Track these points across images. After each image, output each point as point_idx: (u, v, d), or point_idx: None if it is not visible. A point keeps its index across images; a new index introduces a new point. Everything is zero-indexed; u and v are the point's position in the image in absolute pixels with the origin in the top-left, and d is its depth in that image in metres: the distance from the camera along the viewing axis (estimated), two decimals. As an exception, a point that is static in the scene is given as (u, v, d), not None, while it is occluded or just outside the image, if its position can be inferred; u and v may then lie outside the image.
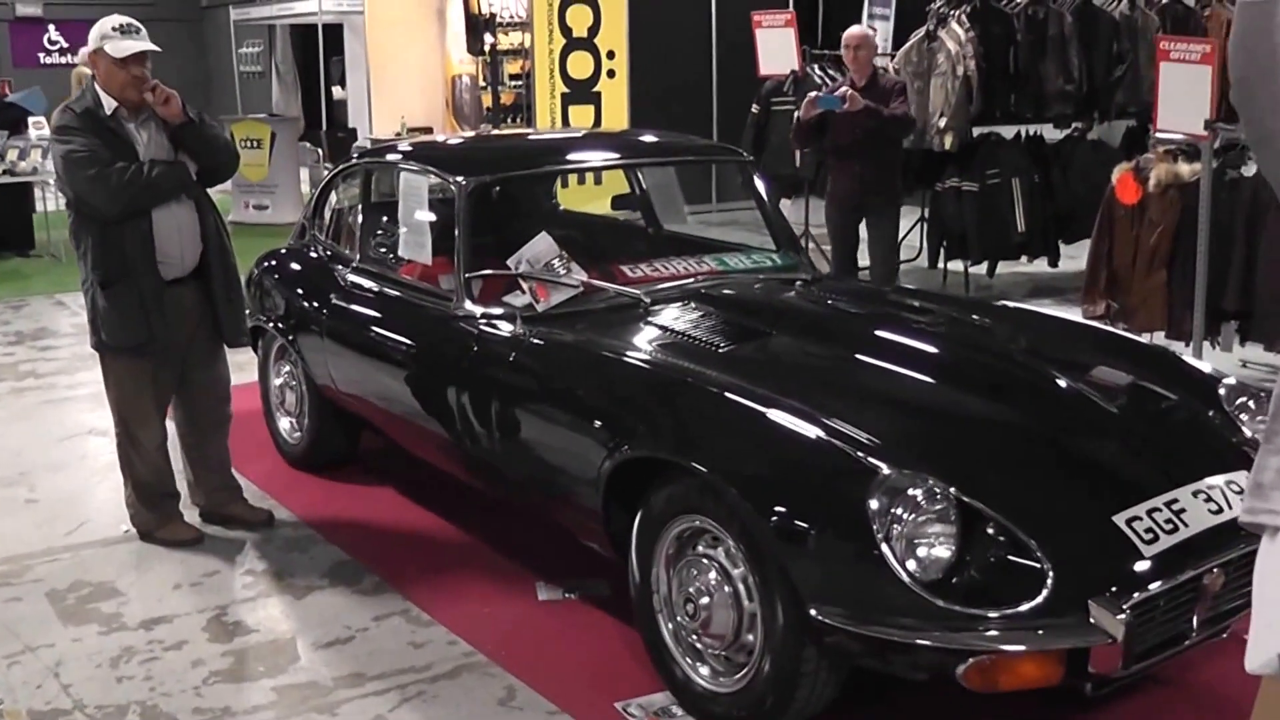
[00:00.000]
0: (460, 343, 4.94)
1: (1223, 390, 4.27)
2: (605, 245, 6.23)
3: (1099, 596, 3.29)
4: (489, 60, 14.04)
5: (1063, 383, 4.27)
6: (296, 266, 6.36)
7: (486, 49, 13.70)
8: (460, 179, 5.22)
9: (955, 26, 9.93)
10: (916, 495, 3.37)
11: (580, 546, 4.59)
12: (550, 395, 4.59)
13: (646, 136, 6.58)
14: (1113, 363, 4.58)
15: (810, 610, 3.42)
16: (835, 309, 5.24)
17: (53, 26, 22.90)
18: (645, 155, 6.41)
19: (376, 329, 5.54)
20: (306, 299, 6.01)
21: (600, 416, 4.24)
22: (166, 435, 5.45)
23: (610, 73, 13.09)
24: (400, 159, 5.85)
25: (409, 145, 6.57)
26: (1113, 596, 3.29)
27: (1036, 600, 3.29)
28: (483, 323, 4.90)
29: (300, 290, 6.13)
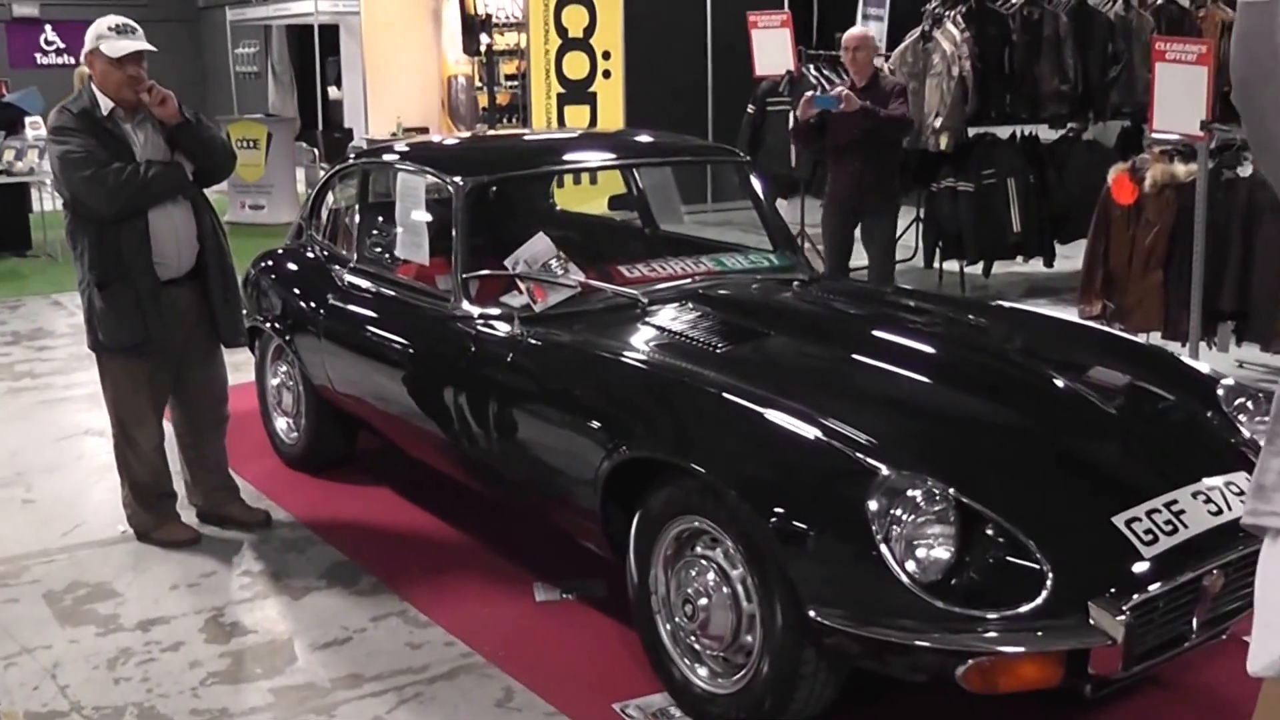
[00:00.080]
0: (458, 343, 4.93)
1: (1221, 391, 4.27)
2: (603, 246, 6.22)
3: (1099, 598, 3.29)
4: (485, 60, 14.06)
5: (1061, 383, 4.27)
6: (294, 267, 6.35)
7: (482, 49, 13.73)
8: (458, 179, 5.21)
9: (950, 27, 9.93)
10: (916, 496, 3.36)
11: (577, 547, 4.59)
12: (548, 396, 4.58)
13: (643, 137, 6.56)
14: (1111, 363, 4.58)
15: (809, 611, 3.42)
16: (833, 309, 5.23)
17: (49, 27, 22.83)
18: (643, 155, 6.40)
19: (374, 329, 5.53)
20: (304, 299, 6.00)
21: (598, 417, 4.23)
22: (164, 436, 5.44)
23: (606, 73, 13.08)
24: (398, 159, 5.85)
25: (406, 145, 6.57)
26: (1112, 598, 3.29)
27: (1036, 601, 3.29)
28: (480, 323, 4.90)
29: (297, 290, 6.12)
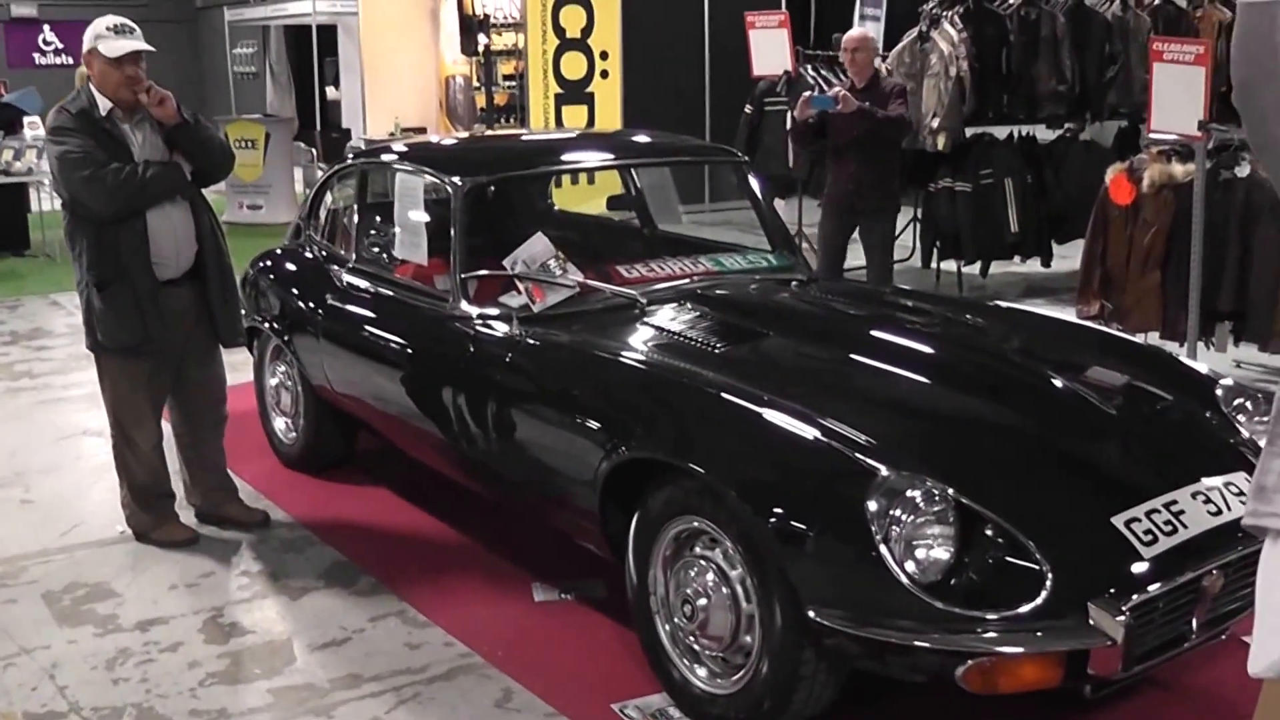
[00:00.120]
0: (456, 343, 4.93)
1: (1220, 391, 4.27)
2: (601, 246, 6.22)
3: (1098, 598, 3.28)
4: (483, 61, 14.05)
5: (1061, 384, 4.27)
6: (292, 267, 6.35)
7: (480, 50, 13.72)
8: (456, 179, 5.20)
9: (948, 27, 9.93)
10: (915, 497, 3.36)
11: (576, 547, 4.59)
12: (547, 396, 4.57)
13: (642, 137, 6.56)
14: (1110, 363, 4.58)
15: (809, 612, 3.41)
16: (832, 309, 5.24)
17: (48, 27, 22.81)
18: (641, 156, 6.40)
19: (372, 329, 5.53)
20: (302, 299, 6.00)
21: (597, 417, 4.22)
22: (162, 436, 5.43)
23: (604, 73, 13.10)
24: (396, 159, 5.84)
25: (405, 146, 6.57)
26: (1112, 598, 3.29)
27: (1036, 602, 3.29)
28: (479, 323, 4.89)
29: (296, 290, 6.12)
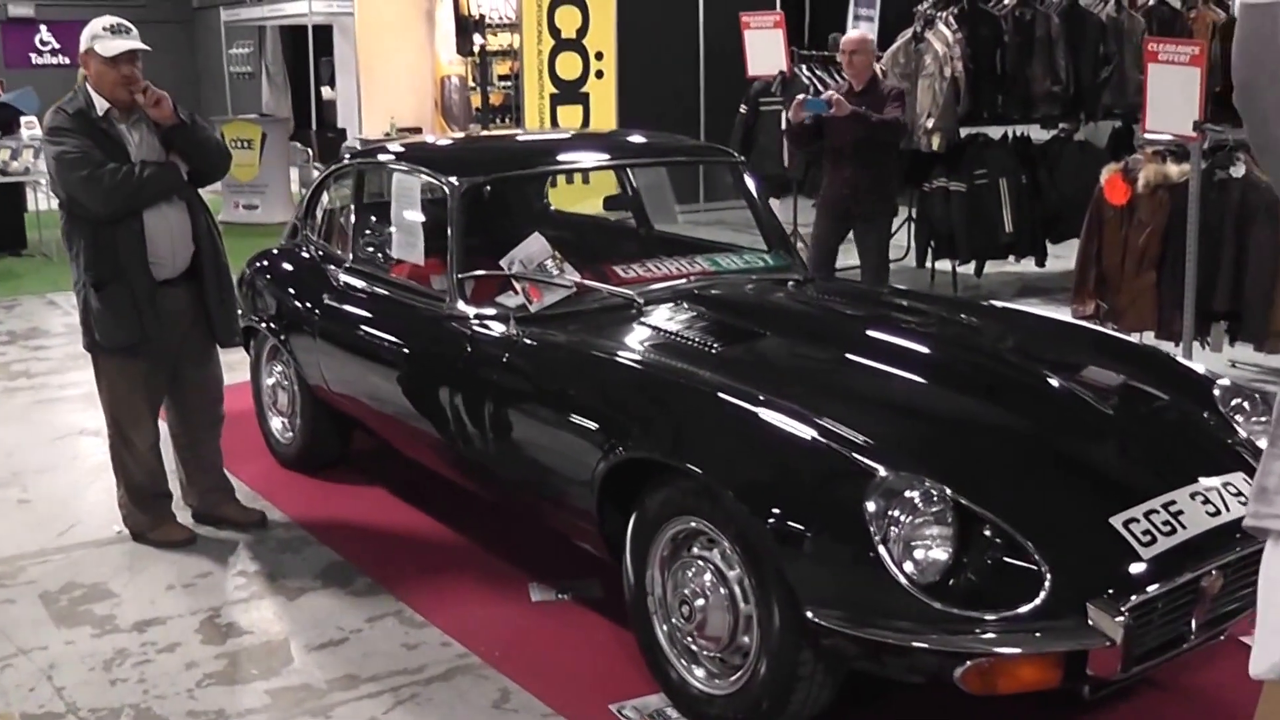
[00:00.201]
0: (453, 343, 4.92)
1: (1217, 391, 4.27)
2: (597, 246, 6.21)
3: (1097, 599, 3.28)
4: (478, 61, 14.05)
5: (1058, 384, 4.27)
6: (289, 267, 6.34)
7: (476, 50, 13.71)
8: (453, 180, 5.20)
9: (943, 28, 9.94)
10: (913, 497, 3.36)
11: (573, 547, 4.58)
12: (544, 396, 4.57)
13: (638, 137, 6.54)
14: (1107, 363, 4.58)
15: (807, 612, 3.41)
16: (829, 310, 5.24)
17: (44, 27, 22.80)
18: (638, 156, 6.39)
19: (369, 329, 5.53)
20: (299, 299, 6.00)
21: (594, 418, 4.22)
22: (159, 436, 5.43)
23: (599, 73, 13.11)
24: (393, 160, 5.84)
25: (401, 146, 6.57)
26: (1111, 599, 3.29)
27: (1034, 603, 3.28)
28: (476, 323, 4.89)
29: (293, 290, 6.12)
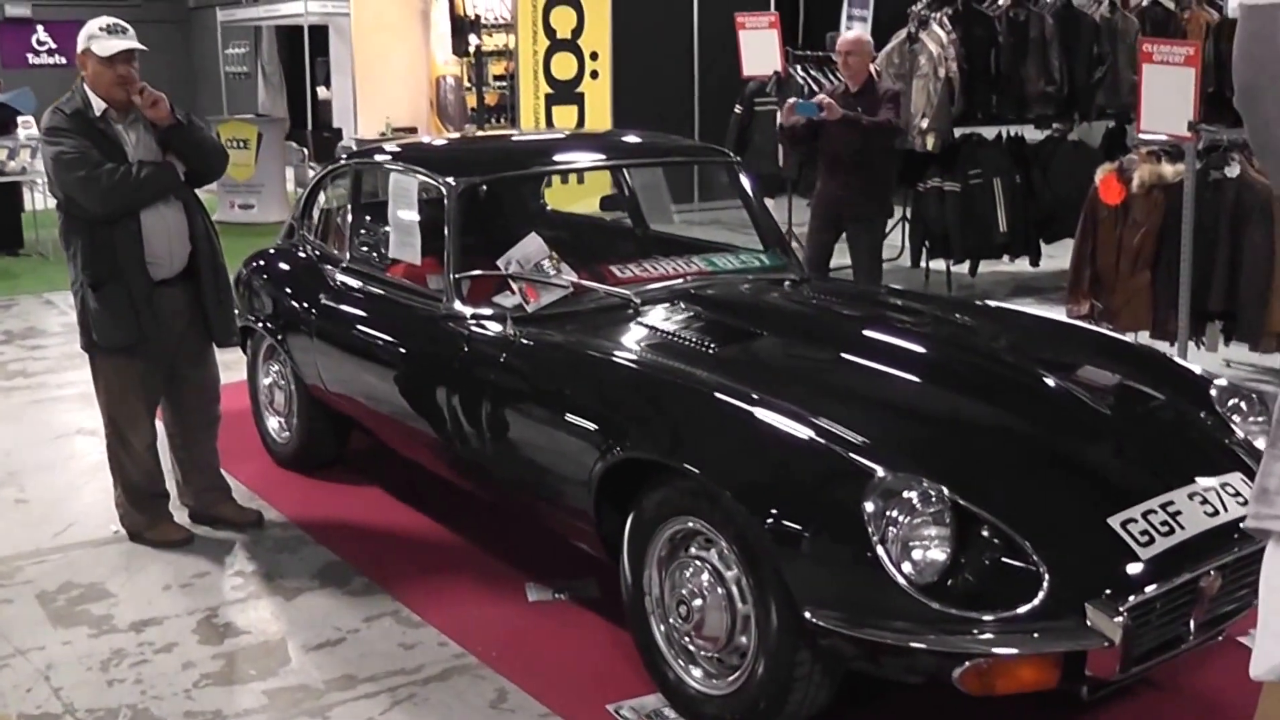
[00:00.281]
0: (450, 343, 4.92)
1: (1214, 391, 4.28)
2: (594, 246, 6.22)
3: (1095, 599, 3.29)
4: (474, 61, 14.04)
5: (1055, 384, 4.27)
6: (285, 266, 6.34)
7: (471, 50, 13.70)
8: (450, 180, 5.20)
9: (937, 28, 9.96)
10: (911, 498, 3.36)
11: (569, 547, 4.59)
12: (541, 396, 4.57)
13: (635, 137, 6.55)
14: (1104, 364, 4.59)
15: (804, 613, 3.41)
16: (826, 310, 5.24)
17: (41, 27, 22.75)
18: (634, 156, 6.39)
19: (366, 329, 5.53)
20: (296, 299, 5.99)
21: (592, 418, 4.21)
22: (156, 436, 5.43)
23: (594, 73, 13.10)
24: (389, 160, 5.84)
25: (398, 146, 6.56)
26: (1109, 599, 3.29)
27: (1033, 603, 3.29)
28: (472, 323, 4.89)
29: (289, 290, 6.12)
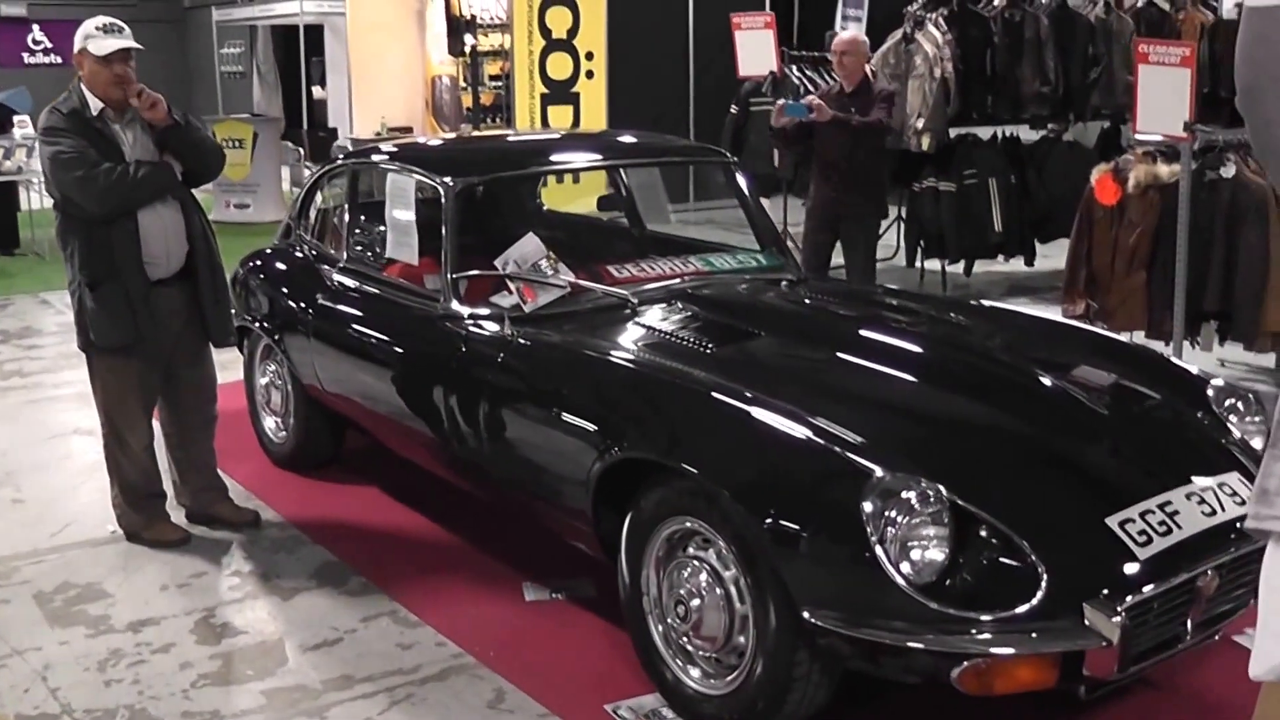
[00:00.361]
0: (448, 343, 4.92)
1: (1211, 391, 4.28)
2: (591, 246, 6.22)
3: (1093, 599, 3.29)
4: (469, 61, 14.06)
5: (1052, 384, 4.28)
6: (282, 266, 6.34)
7: (467, 50, 13.72)
8: (448, 180, 5.21)
9: (932, 29, 9.97)
10: (910, 498, 3.36)
11: (566, 546, 4.59)
12: (539, 396, 4.56)
13: (631, 137, 6.56)
14: (1101, 364, 4.60)
15: (803, 613, 3.41)
16: (823, 309, 5.24)
17: (36, 26, 22.69)
18: (631, 156, 6.40)
19: (363, 329, 5.53)
20: (293, 299, 5.99)
21: (590, 418, 4.22)
22: (153, 436, 5.43)
23: (589, 73, 13.13)
24: (386, 160, 5.83)
25: (395, 146, 6.56)
26: (1107, 599, 3.30)
27: (1031, 603, 3.29)
28: (470, 323, 4.89)
29: (286, 290, 6.11)
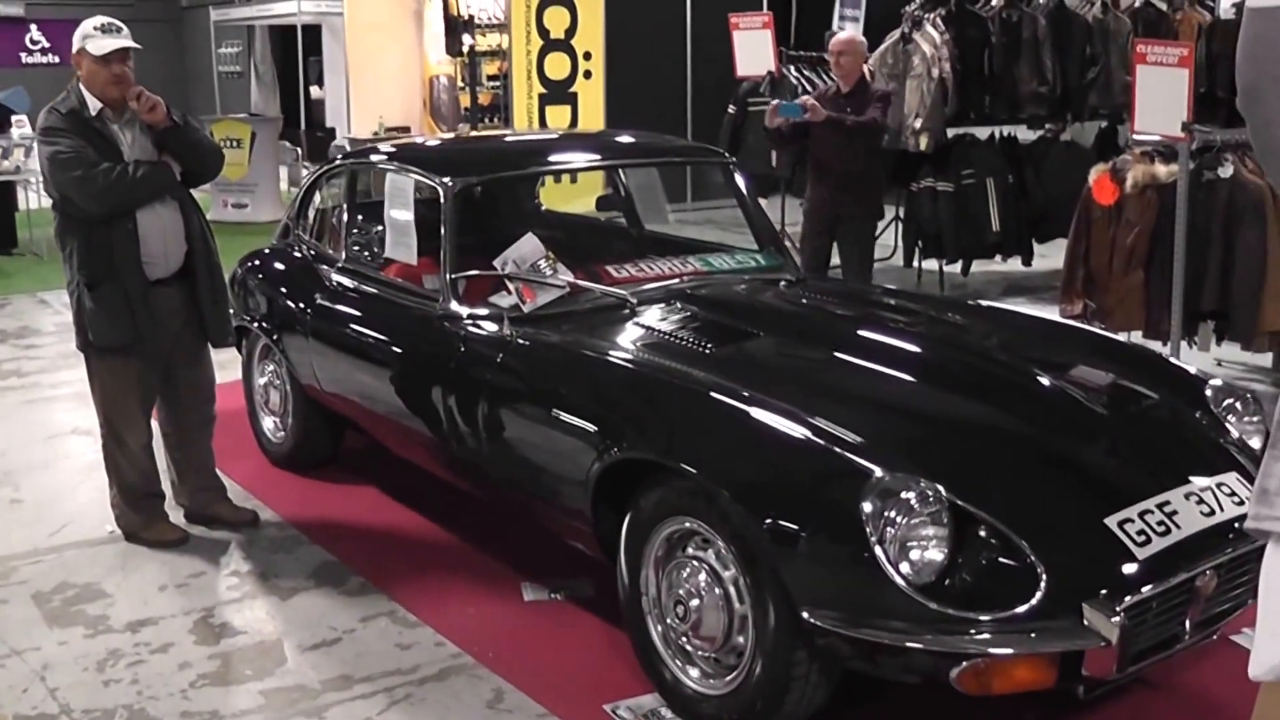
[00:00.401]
0: (446, 343, 4.92)
1: (1209, 391, 4.28)
2: (590, 246, 6.22)
3: (1092, 599, 3.30)
4: (467, 61, 14.06)
5: (1051, 384, 4.28)
6: (281, 266, 6.33)
7: (465, 50, 13.72)
8: (446, 180, 5.20)
9: (930, 29, 9.98)
10: (909, 498, 3.36)
11: (564, 546, 4.59)
12: (537, 396, 4.56)
13: (630, 137, 6.56)
14: (1099, 364, 4.60)
15: (802, 613, 3.41)
16: (822, 309, 5.25)
17: (34, 26, 22.64)
18: (630, 156, 6.41)
19: (361, 329, 5.52)
20: (291, 299, 5.99)
21: (589, 418, 4.21)
22: (152, 435, 5.43)
23: (587, 73, 13.14)
24: (385, 160, 5.84)
25: (394, 146, 6.56)
26: (1106, 599, 3.30)
27: (1030, 603, 3.30)
28: (469, 323, 4.89)
29: (285, 290, 6.11)
